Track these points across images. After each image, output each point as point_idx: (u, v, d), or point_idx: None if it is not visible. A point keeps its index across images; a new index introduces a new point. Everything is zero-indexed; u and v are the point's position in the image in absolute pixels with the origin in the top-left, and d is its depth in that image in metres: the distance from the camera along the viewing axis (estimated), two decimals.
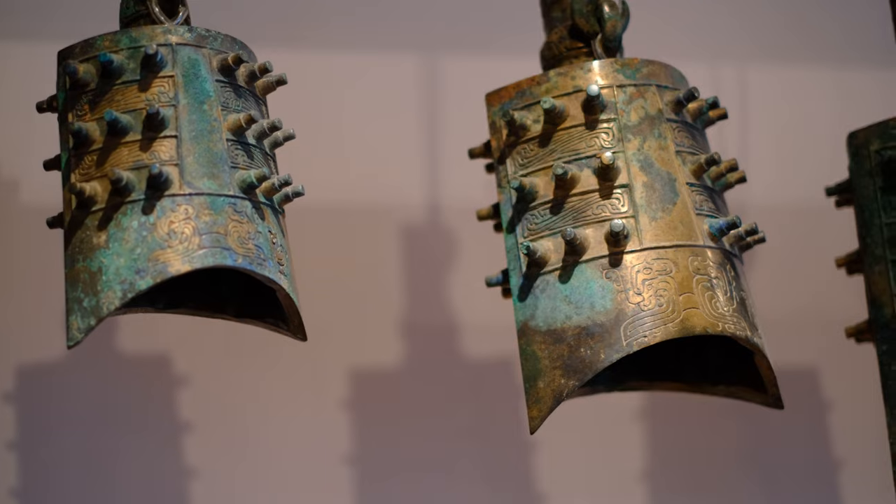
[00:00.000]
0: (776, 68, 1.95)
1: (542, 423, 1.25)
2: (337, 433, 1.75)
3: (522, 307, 1.27)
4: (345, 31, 1.82)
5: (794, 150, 1.92)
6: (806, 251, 1.75)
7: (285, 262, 1.23)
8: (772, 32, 1.95)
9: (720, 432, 1.87)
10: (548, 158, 1.29)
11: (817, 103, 1.93)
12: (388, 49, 1.83)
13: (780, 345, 1.88)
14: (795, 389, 1.89)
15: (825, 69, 1.95)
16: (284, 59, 1.76)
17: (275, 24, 1.80)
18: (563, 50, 1.35)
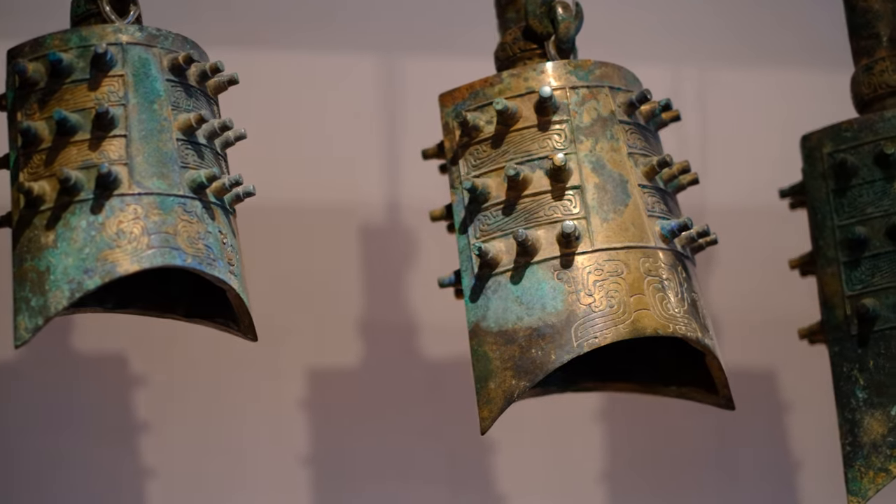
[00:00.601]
0: (735, 71, 1.95)
1: (493, 424, 1.25)
2: (295, 433, 1.75)
3: (474, 308, 1.27)
4: (303, 31, 1.82)
5: (753, 153, 1.92)
6: (764, 253, 1.76)
7: (235, 262, 1.22)
8: (730, 36, 1.96)
9: (679, 433, 1.87)
10: (500, 159, 1.29)
11: (776, 106, 1.94)
12: (346, 49, 1.83)
13: (738, 346, 1.89)
14: (753, 390, 1.90)
15: (783, 72, 1.95)
16: (242, 59, 1.75)
17: (234, 23, 1.80)
18: (517, 51, 1.36)
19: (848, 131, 1.43)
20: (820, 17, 1.74)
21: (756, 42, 1.96)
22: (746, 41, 1.96)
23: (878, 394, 1.38)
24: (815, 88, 1.89)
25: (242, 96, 1.75)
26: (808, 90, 1.92)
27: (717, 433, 1.88)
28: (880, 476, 1.36)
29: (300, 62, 1.81)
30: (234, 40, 1.77)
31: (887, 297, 1.39)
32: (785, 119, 1.80)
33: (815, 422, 1.80)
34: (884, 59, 1.46)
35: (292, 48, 1.81)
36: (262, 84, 1.79)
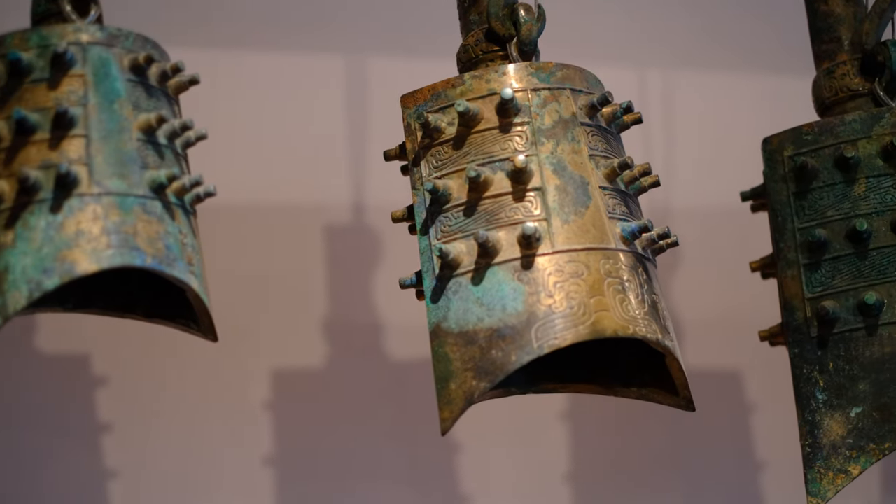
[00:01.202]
0: (700, 74, 1.96)
1: (454, 425, 1.25)
2: (259, 434, 1.75)
3: (435, 309, 1.27)
4: (268, 31, 1.82)
5: (718, 155, 1.93)
6: (730, 254, 1.77)
7: (195, 263, 1.22)
8: (695, 39, 1.96)
9: (644, 434, 1.88)
10: (462, 161, 1.29)
11: (740, 108, 1.95)
12: (312, 50, 1.83)
13: (702, 347, 1.90)
14: (717, 392, 1.91)
15: (747, 75, 1.96)
16: (208, 59, 1.76)
17: (199, 24, 1.80)
18: (479, 53, 1.36)
19: (808, 134, 1.44)
20: (784, 21, 1.75)
21: (720, 45, 1.97)
22: (711, 44, 1.97)
23: (837, 395, 1.39)
24: (780, 91, 1.90)
25: (208, 97, 1.75)
26: (773, 93, 1.93)
27: (682, 434, 1.89)
28: (840, 477, 1.37)
29: (266, 63, 1.81)
30: (199, 41, 1.77)
31: (847, 300, 1.40)
32: (749, 121, 1.81)
33: (778, 423, 1.81)
34: (845, 62, 1.47)
35: (258, 49, 1.81)
36: (227, 84, 1.79)
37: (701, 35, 1.96)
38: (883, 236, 1.39)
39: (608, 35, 1.93)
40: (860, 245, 1.40)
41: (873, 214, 1.40)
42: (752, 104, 1.94)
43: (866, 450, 1.36)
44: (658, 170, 1.92)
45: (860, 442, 1.36)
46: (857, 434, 1.37)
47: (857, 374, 1.38)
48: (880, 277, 1.39)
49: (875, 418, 1.36)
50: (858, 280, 1.39)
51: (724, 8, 1.97)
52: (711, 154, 1.93)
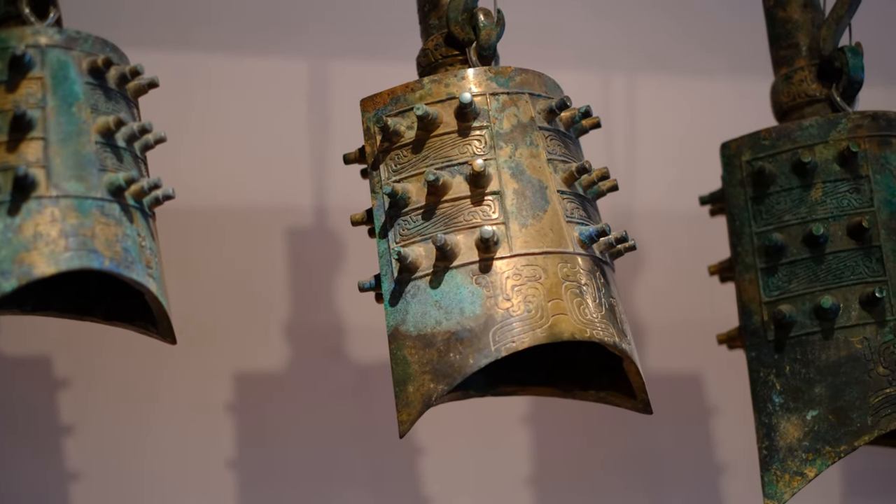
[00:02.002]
0: (664, 79, 1.97)
1: (412, 427, 1.26)
2: (221, 436, 1.75)
3: (393, 312, 1.28)
4: (232, 34, 1.82)
5: (682, 159, 1.94)
6: (690, 258, 1.78)
7: (154, 265, 1.22)
8: (659, 44, 1.97)
9: (606, 437, 1.88)
10: (420, 165, 1.29)
11: (704, 113, 1.96)
12: (275, 53, 1.83)
13: (664, 350, 1.91)
14: (678, 394, 1.92)
15: (711, 79, 1.97)
16: (173, 62, 1.76)
17: (163, 27, 1.80)
18: (439, 57, 1.36)
19: (766, 139, 1.45)
20: (744, 27, 1.76)
21: (683, 50, 1.98)
22: (674, 49, 1.98)
23: (794, 399, 1.40)
24: (743, 95, 1.91)
25: (171, 100, 1.75)
26: (736, 97, 1.94)
27: (643, 437, 1.90)
28: (796, 479, 1.38)
29: (229, 66, 1.81)
30: (161, 44, 1.77)
31: (803, 304, 1.41)
32: (712, 126, 1.82)
33: (738, 425, 1.82)
34: (802, 68, 1.48)
35: (221, 52, 1.81)
36: (190, 87, 1.79)
37: (664, 40, 1.97)
38: (839, 241, 1.41)
39: (572, 39, 1.94)
40: (817, 249, 1.41)
41: (830, 219, 1.41)
42: (714, 109, 1.95)
43: (822, 452, 1.37)
44: (621, 174, 1.94)
45: (816, 445, 1.37)
46: (813, 437, 1.38)
47: (814, 377, 1.39)
48: (836, 282, 1.40)
49: (831, 421, 1.37)
50: (815, 284, 1.41)
51: (686, 13, 1.98)
52: (674, 158, 1.94)
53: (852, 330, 1.38)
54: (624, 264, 1.90)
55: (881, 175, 1.41)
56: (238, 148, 1.80)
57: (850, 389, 1.37)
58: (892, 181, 1.41)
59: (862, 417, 1.36)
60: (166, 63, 1.74)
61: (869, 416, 1.36)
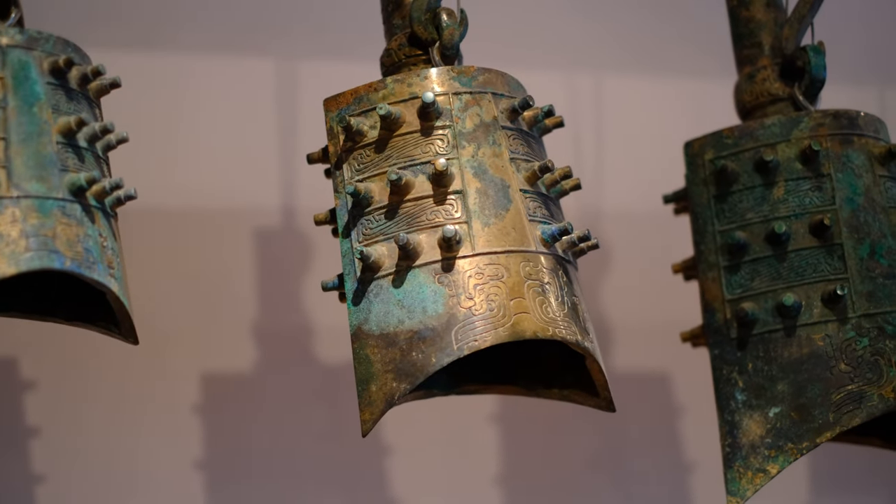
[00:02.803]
0: (630, 79, 1.98)
1: (374, 426, 1.26)
2: (189, 437, 1.74)
3: (356, 311, 1.28)
4: (200, 34, 1.82)
5: (649, 158, 1.95)
6: (659, 257, 1.78)
7: (116, 266, 1.22)
8: (625, 44, 1.98)
9: (574, 436, 1.89)
10: (383, 164, 1.30)
11: (670, 112, 1.97)
12: (243, 53, 1.83)
13: (632, 349, 1.92)
14: (647, 393, 1.93)
15: (678, 79, 1.98)
16: (139, 62, 1.76)
17: (131, 27, 1.79)
18: (402, 57, 1.36)
19: (729, 138, 1.46)
20: (711, 27, 1.77)
21: (650, 50, 1.98)
22: (640, 49, 1.98)
23: (756, 396, 1.40)
24: (711, 95, 1.92)
25: (137, 100, 1.75)
26: (704, 97, 1.94)
27: (611, 436, 1.90)
28: (758, 476, 1.39)
29: (196, 66, 1.81)
30: (127, 44, 1.77)
31: (766, 301, 1.41)
32: (680, 126, 1.83)
33: (706, 424, 1.82)
34: (765, 67, 1.49)
35: (189, 52, 1.81)
36: (158, 87, 1.79)
37: (630, 40, 1.98)
38: (801, 238, 1.41)
39: (539, 40, 1.95)
40: (779, 247, 1.42)
41: (792, 217, 1.42)
42: (682, 108, 1.96)
43: (784, 449, 1.38)
44: (588, 174, 1.94)
45: (779, 441, 1.38)
46: (776, 434, 1.38)
47: (776, 374, 1.40)
48: (798, 279, 1.41)
49: (793, 418, 1.38)
50: (777, 282, 1.41)
51: (652, 14, 1.99)
52: (642, 158, 1.95)
53: (814, 327, 1.39)
54: (592, 264, 1.91)
55: (843, 173, 1.42)
56: (205, 148, 1.80)
57: (812, 386, 1.38)
58: (853, 179, 1.42)
59: (824, 414, 1.37)
60: (134, 64, 1.74)
61: (831, 412, 1.37)
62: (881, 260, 1.40)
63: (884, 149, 1.44)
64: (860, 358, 1.37)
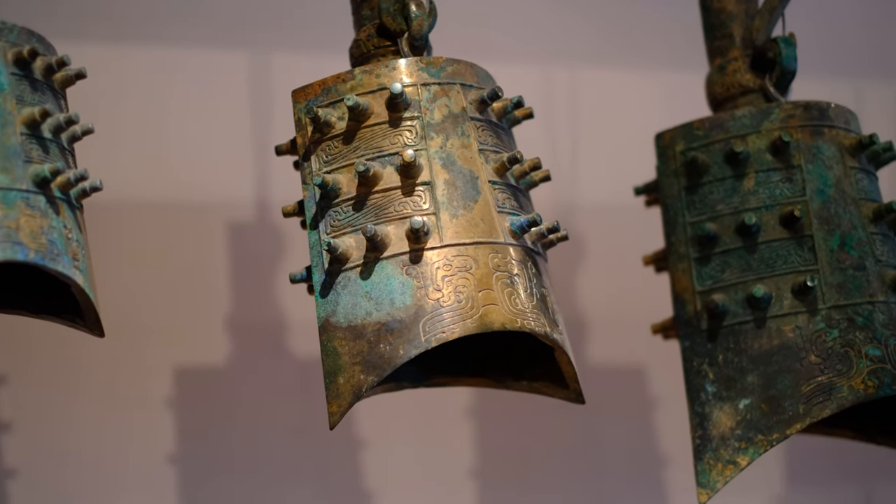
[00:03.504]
0: (604, 71, 1.97)
1: (342, 419, 1.26)
2: (162, 432, 1.74)
3: (324, 303, 1.27)
4: (173, 27, 1.81)
5: (624, 151, 1.94)
6: (633, 249, 1.77)
7: (81, 258, 1.21)
8: (600, 36, 1.98)
9: (549, 429, 1.89)
10: (351, 155, 1.29)
11: (646, 104, 1.96)
12: (216, 46, 1.82)
13: (608, 343, 1.91)
14: (621, 386, 1.93)
15: (653, 71, 1.98)
16: (112, 54, 1.75)
17: (105, 19, 1.79)
18: (371, 48, 1.36)
19: (700, 130, 1.45)
20: (685, 19, 1.76)
21: (624, 42, 1.98)
22: (615, 41, 1.98)
23: (726, 388, 1.40)
24: (685, 88, 1.91)
25: (112, 92, 1.74)
26: (679, 90, 1.94)
27: (586, 429, 1.90)
28: (728, 468, 1.38)
29: (170, 58, 1.80)
30: (105, 37, 1.76)
31: (736, 293, 1.41)
32: (654, 119, 1.82)
33: (681, 416, 1.82)
34: (737, 59, 1.49)
35: (162, 44, 1.80)
36: (132, 80, 1.78)
37: (605, 32, 1.98)
38: (771, 230, 1.41)
39: (513, 32, 1.94)
40: (749, 239, 1.41)
41: (762, 209, 1.42)
42: (657, 101, 1.95)
43: (754, 441, 1.38)
44: (563, 166, 1.94)
45: (749, 433, 1.38)
46: (746, 425, 1.38)
47: (746, 366, 1.39)
48: (768, 271, 1.40)
49: (763, 410, 1.38)
50: (747, 273, 1.41)
51: (626, 5, 1.98)
52: (616, 150, 1.95)
53: (784, 319, 1.39)
54: (567, 257, 1.91)
55: (813, 165, 1.42)
56: (179, 141, 1.79)
57: (782, 378, 1.37)
58: (824, 171, 1.42)
59: (794, 406, 1.37)
60: (108, 57, 1.74)
61: (801, 404, 1.36)
62: (851, 251, 1.40)
63: (854, 140, 1.44)
64: (830, 349, 1.37)
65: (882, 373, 1.36)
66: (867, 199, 1.43)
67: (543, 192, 1.76)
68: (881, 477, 1.98)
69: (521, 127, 1.47)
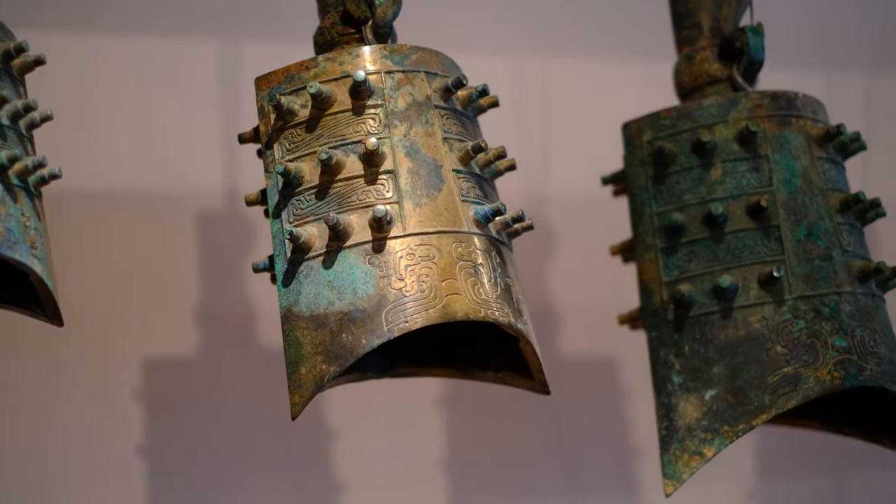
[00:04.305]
0: (576, 61, 1.96)
1: (304, 409, 1.25)
2: (131, 424, 1.73)
3: (286, 293, 1.26)
4: (142, 14, 1.80)
5: (595, 141, 1.93)
6: (606, 240, 1.77)
7: (39, 246, 1.20)
8: (571, 26, 1.97)
9: (520, 420, 1.88)
10: (314, 144, 1.28)
11: (617, 94, 1.96)
12: (185, 34, 1.81)
13: (580, 334, 1.91)
14: (593, 378, 1.92)
15: (624, 61, 1.97)
16: (80, 42, 1.74)
17: (72, 7, 1.77)
18: (335, 35, 1.35)
19: (667, 119, 1.45)
20: (657, 8, 1.75)
21: (596, 32, 1.97)
22: (586, 31, 1.97)
23: (693, 378, 1.39)
24: (656, 78, 1.91)
25: (81, 81, 1.73)
26: (650, 80, 1.93)
27: (558, 421, 1.89)
28: (694, 459, 1.38)
29: (139, 46, 1.79)
30: (73, 25, 1.75)
31: (703, 283, 1.41)
32: (625, 109, 1.82)
33: (652, 408, 1.82)
34: (704, 48, 1.48)
35: (131, 32, 1.79)
36: (100, 69, 1.77)
37: (576, 22, 1.97)
38: (738, 220, 1.40)
39: (484, 21, 1.93)
40: (716, 229, 1.41)
41: (729, 199, 1.41)
42: (627, 90, 1.95)
43: (720, 432, 1.37)
44: (535, 156, 1.93)
45: (715, 424, 1.37)
46: (712, 416, 1.37)
47: (712, 357, 1.39)
48: (735, 261, 1.40)
49: (729, 401, 1.37)
50: (714, 264, 1.40)
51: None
52: (588, 140, 1.94)
53: (751, 309, 1.38)
54: (538, 247, 1.90)
55: (780, 154, 1.41)
56: (149, 131, 1.78)
57: (749, 369, 1.37)
58: (791, 161, 1.41)
59: (760, 397, 1.36)
60: (75, 44, 1.73)
61: (767, 395, 1.36)
62: (818, 242, 1.39)
63: (822, 130, 1.43)
64: (796, 340, 1.36)
65: (848, 364, 1.35)
66: (834, 190, 1.42)
67: (514, 183, 1.76)
68: (851, 469, 1.98)
69: (492, 117, 1.47)
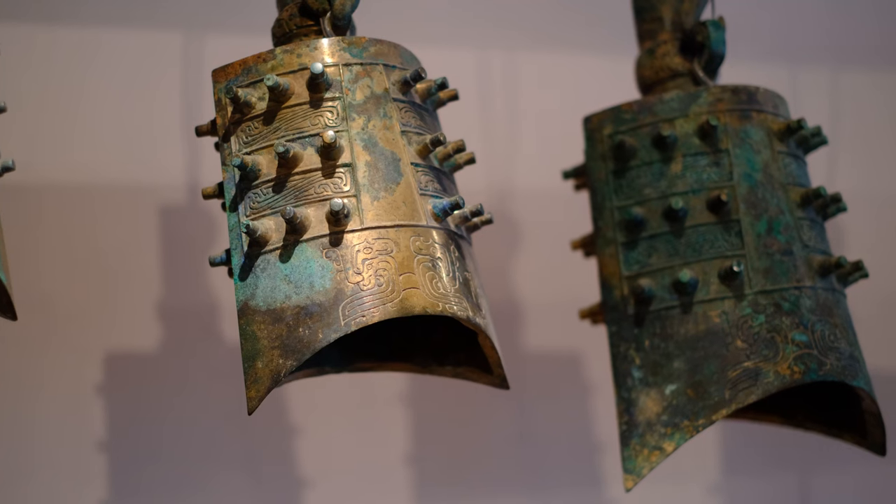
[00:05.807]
0: (543, 55, 1.96)
1: (260, 404, 1.24)
2: (92, 418, 1.72)
3: (243, 287, 1.25)
4: (105, 6, 1.79)
5: (561, 135, 1.93)
6: (570, 235, 1.77)
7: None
8: (537, 19, 1.97)
9: (484, 415, 1.88)
10: (272, 136, 1.27)
11: (580, 88, 1.95)
12: (150, 27, 1.80)
13: (545, 330, 1.90)
14: (558, 373, 1.92)
15: (587, 55, 1.97)
16: (44, 33, 1.73)
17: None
18: (293, 27, 1.34)
19: (628, 113, 1.44)
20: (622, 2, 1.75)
21: (562, 26, 1.97)
22: (553, 25, 1.97)
23: (653, 373, 1.39)
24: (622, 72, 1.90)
25: (39, 72, 1.72)
26: (616, 74, 1.93)
27: (522, 416, 1.89)
28: (654, 454, 1.38)
29: (99, 38, 1.78)
30: (32, 16, 1.74)
31: (663, 278, 1.40)
32: (591, 104, 1.82)
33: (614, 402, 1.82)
34: (666, 42, 1.48)
35: (92, 24, 1.78)
36: (63, 61, 1.76)
37: (543, 16, 1.96)
38: (699, 215, 1.40)
39: (448, 15, 1.93)
40: (676, 224, 1.40)
41: (689, 193, 1.41)
42: (591, 84, 1.94)
43: (681, 427, 1.37)
44: (500, 150, 1.93)
45: (675, 419, 1.37)
46: (672, 411, 1.37)
47: (673, 351, 1.38)
48: (695, 256, 1.39)
49: (689, 396, 1.37)
50: (674, 258, 1.40)
51: None
52: (552, 134, 1.93)
53: (711, 304, 1.38)
54: (501, 241, 1.90)
55: (741, 149, 1.41)
56: (109, 123, 1.77)
57: (709, 363, 1.37)
58: (751, 155, 1.41)
59: (720, 391, 1.36)
60: (34, 35, 1.71)
61: (727, 389, 1.36)
62: (778, 236, 1.39)
63: (783, 125, 1.43)
64: (756, 335, 1.36)
65: (808, 358, 1.35)
66: (795, 184, 1.42)
67: (478, 177, 1.75)
68: (817, 465, 1.98)
69: (456, 111, 1.46)
